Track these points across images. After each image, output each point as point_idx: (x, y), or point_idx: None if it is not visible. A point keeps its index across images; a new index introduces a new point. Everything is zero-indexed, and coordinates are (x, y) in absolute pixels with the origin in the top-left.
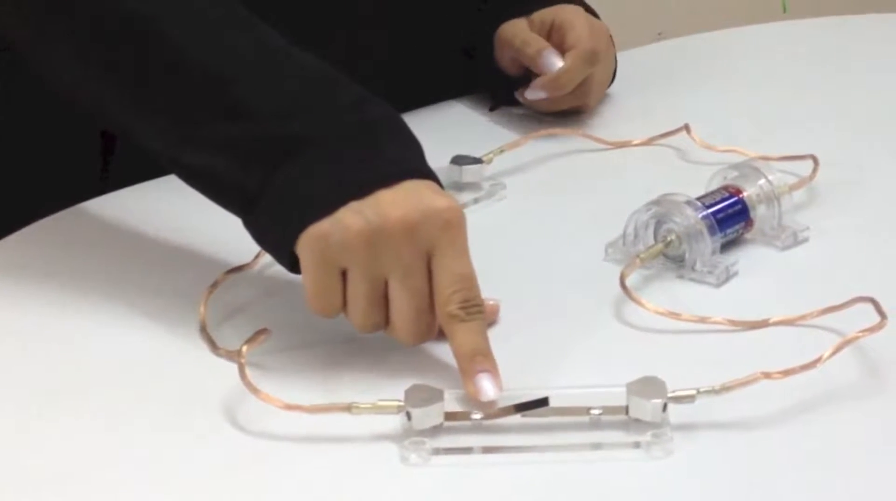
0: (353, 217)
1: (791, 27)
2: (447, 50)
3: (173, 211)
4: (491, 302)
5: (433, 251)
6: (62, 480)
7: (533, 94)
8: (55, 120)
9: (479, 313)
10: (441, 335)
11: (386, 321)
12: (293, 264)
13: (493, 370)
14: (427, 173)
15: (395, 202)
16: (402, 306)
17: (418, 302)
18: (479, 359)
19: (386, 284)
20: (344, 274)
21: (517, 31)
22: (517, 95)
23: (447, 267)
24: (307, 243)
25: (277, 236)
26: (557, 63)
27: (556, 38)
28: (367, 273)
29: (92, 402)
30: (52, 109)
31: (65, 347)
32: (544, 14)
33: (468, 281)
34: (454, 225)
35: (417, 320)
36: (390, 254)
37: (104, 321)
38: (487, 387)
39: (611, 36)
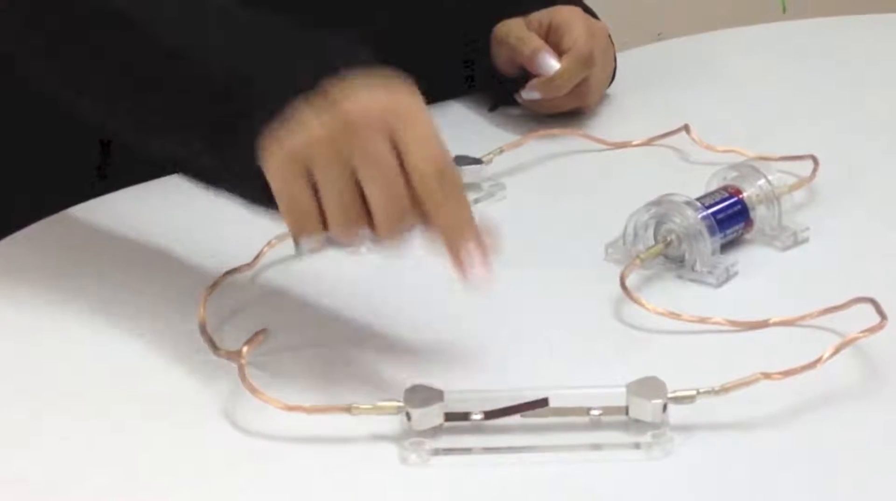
0: (309, 115)
1: (790, 27)
2: (446, 50)
3: (172, 212)
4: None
5: (396, 136)
6: (61, 480)
7: (528, 94)
8: (54, 120)
9: (457, 188)
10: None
11: (367, 223)
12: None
13: (479, 245)
14: (374, 63)
15: (349, 92)
16: (375, 194)
17: (391, 188)
18: (464, 235)
19: (358, 184)
20: (316, 189)
21: (513, 30)
22: (516, 95)
23: (414, 149)
24: (269, 152)
25: (242, 159)
26: (554, 65)
27: (553, 38)
28: (333, 168)
29: (91, 403)
30: (50, 110)
31: (64, 347)
32: (542, 14)
33: (439, 157)
34: (414, 106)
35: (394, 208)
36: (354, 144)
37: (103, 321)
38: (481, 269)
39: (610, 36)
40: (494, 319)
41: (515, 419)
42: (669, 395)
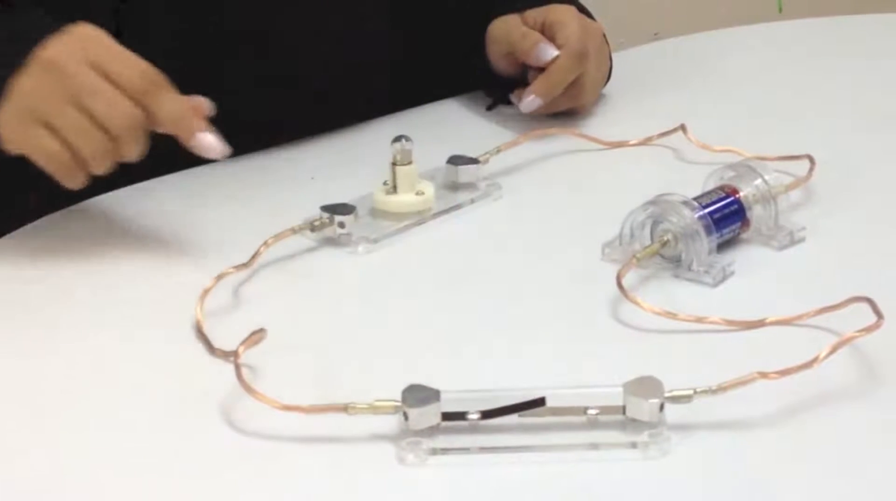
0: (19, 79)
1: (786, 27)
2: (442, 49)
3: (169, 212)
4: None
5: (95, 61)
6: (57, 480)
7: (527, 106)
8: None
9: (164, 83)
10: None
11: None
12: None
13: (208, 127)
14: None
15: (42, 46)
16: (100, 110)
17: (111, 99)
18: (190, 121)
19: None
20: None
21: (512, 27)
22: (512, 97)
23: (116, 65)
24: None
25: None
26: (552, 52)
27: (548, 36)
28: (59, 107)
29: (88, 402)
30: None
31: (60, 346)
32: (536, 13)
33: (138, 63)
34: (97, 34)
35: (121, 113)
36: (66, 82)
37: (99, 321)
38: (212, 141)
39: (605, 35)
40: (491, 318)
41: (512, 418)
42: (666, 394)
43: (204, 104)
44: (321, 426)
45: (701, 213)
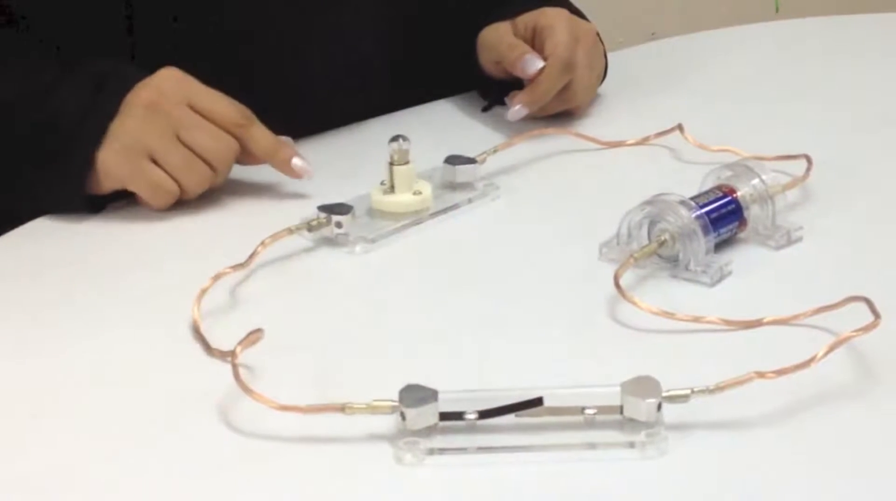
0: (122, 122)
1: (783, 27)
2: (436, 51)
3: (166, 212)
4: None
5: (189, 100)
6: (54, 480)
7: (514, 115)
8: None
9: (253, 118)
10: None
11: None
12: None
13: (297, 153)
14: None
15: (139, 89)
16: (199, 140)
17: (208, 131)
18: (282, 149)
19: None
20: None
21: (501, 36)
22: (507, 100)
23: (208, 102)
24: (102, 160)
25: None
26: (537, 64)
27: (538, 42)
28: (163, 139)
29: (85, 402)
30: None
31: (58, 346)
32: (527, 18)
33: (229, 100)
34: (183, 77)
35: (218, 144)
36: (166, 118)
37: (97, 320)
38: (303, 166)
39: (599, 35)
40: (488, 318)
41: (510, 418)
42: (664, 394)
43: (286, 138)
44: (318, 426)
45: (698, 213)
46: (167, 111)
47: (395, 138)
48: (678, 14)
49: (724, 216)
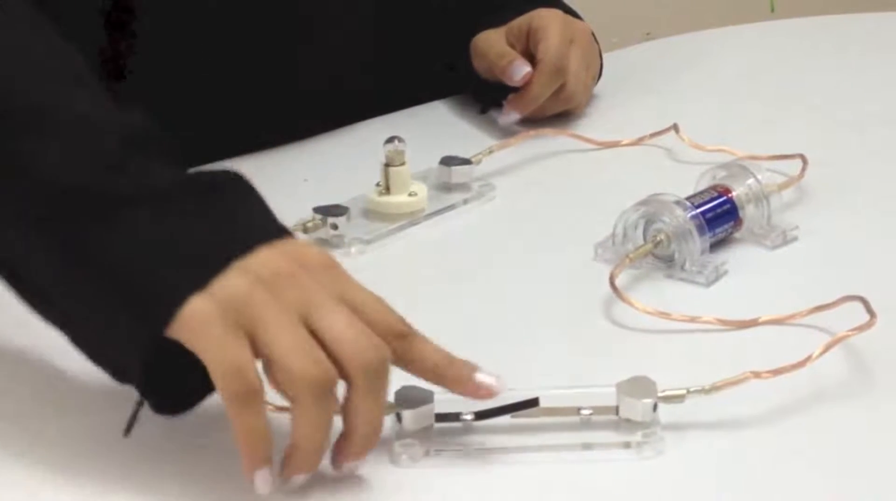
0: (238, 277)
1: (779, 27)
2: (430, 53)
3: None
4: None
5: (334, 288)
6: (53, 479)
7: (505, 119)
8: None
9: (417, 331)
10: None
11: (332, 362)
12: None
13: (478, 367)
14: (285, 231)
15: (274, 256)
16: (337, 323)
17: (350, 318)
18: (456, 363)
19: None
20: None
21: (492, 44)
22: (505, 103)
23: (363, 301)
24: (190, 319)
25: (131, 327)
26: (524, 70)
27: (532, 44)
28: (281, 314)
29: (86, 402)
30: None
31: (58, 345)
32: (521, 21)
33: (387, 306)
34: (336, 265)
35: (366, 336)
36: (297, 292)
37: None
38: (490, 381)
39: (593, 34)
40: (484, 319)
41: (506, 419)
42: (659, 394)
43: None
44: None
45: (693, 213)
46: (298, 284)
47: (390, 139)
48: (673, 14)
49: (720, 216)
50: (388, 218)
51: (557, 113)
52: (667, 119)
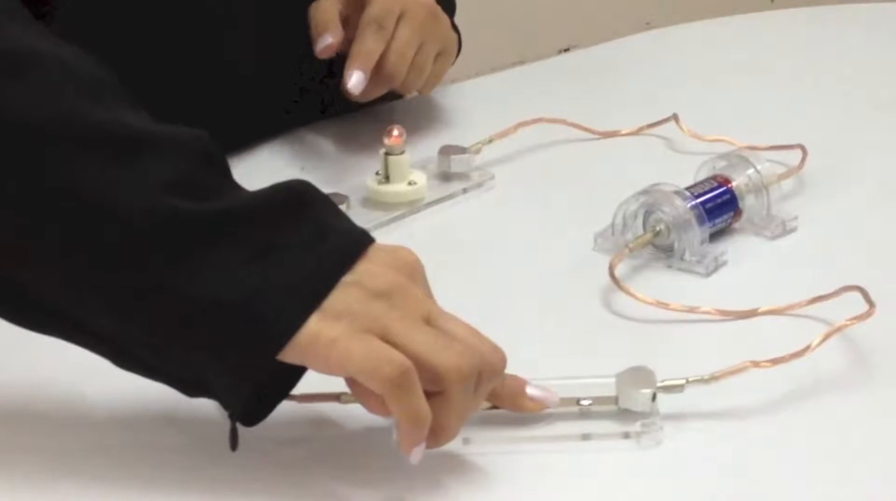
0: (351, 292)
1: (779, 17)
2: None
3: None
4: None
5: (429, 320)
6: (53, 478)
7: (354, 84)
8: None
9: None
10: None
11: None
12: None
13: (525, 381)
14: (368, 235)
15: (379, 269)
16: (461, 331)
17: (466, 325)
18: (508, 379)
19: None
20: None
21: (319, 11)
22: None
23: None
24: (316, 339)
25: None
26: (326, 40)
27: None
28: (406, 319)
29: (85, 402)
30: None
31: (57, 347)
32: None
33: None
34: (421, 264)
35: (482, 340)
36: (413, 302)
37: None
38: (540, 393)
39: (455, 26)
40: (483, 309)
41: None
42: (659, 384)
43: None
44: (314, 416)
45: (693, 203)
46: (408, 292)
47: (389, 128)
48: (673, 3)
49: (719, 206)
50: (387, 207)
51: (551, 101)
52: (666, 109)
